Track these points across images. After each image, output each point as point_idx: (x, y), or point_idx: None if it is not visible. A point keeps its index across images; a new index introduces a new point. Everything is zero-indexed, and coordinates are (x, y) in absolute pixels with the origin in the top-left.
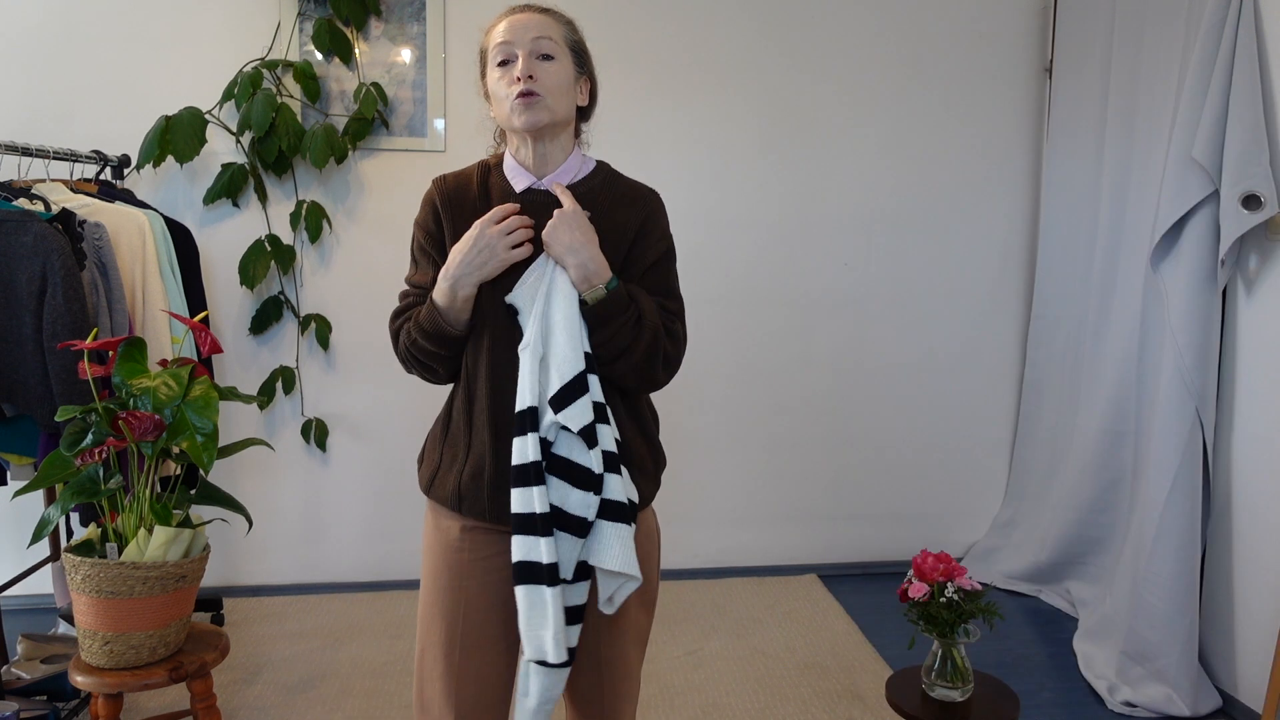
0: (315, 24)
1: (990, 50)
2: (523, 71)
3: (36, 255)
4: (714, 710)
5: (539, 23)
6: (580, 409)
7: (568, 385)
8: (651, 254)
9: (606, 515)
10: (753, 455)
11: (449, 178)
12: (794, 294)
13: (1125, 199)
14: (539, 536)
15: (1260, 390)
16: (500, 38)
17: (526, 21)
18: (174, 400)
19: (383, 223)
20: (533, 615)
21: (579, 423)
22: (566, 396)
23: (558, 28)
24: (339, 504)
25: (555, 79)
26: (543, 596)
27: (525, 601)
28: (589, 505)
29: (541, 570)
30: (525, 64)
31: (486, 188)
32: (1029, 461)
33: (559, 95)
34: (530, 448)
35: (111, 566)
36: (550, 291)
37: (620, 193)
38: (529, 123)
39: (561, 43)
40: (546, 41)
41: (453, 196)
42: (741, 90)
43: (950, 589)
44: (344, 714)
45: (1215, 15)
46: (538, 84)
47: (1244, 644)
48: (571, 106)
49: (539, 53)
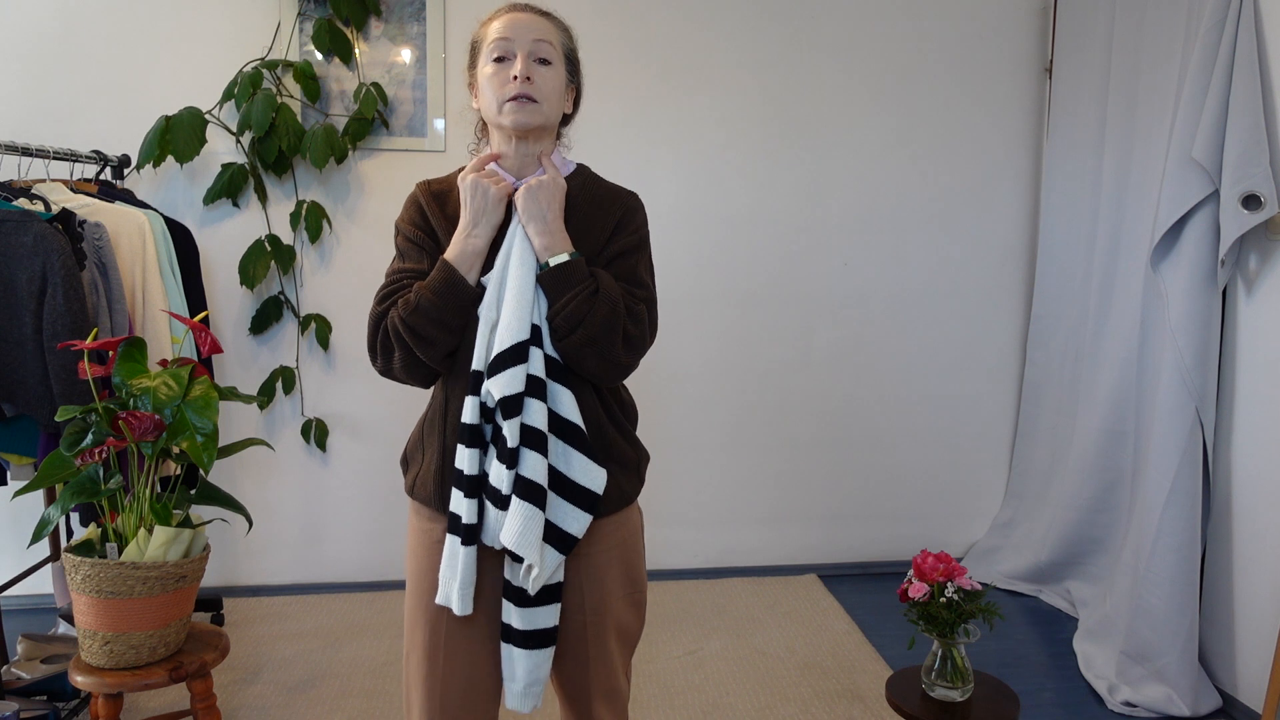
0: (315, 24)
1: (990, 50)
2: (521, 73)
3: (36, 255)
4: (714, 710)
5: (540, 25)
6: (509, 378)
7: (505, 352)
8: (624, 243)
9: (517, 491)
10: (752, 455)
11: (432, 183)
12: (794, 294)
13: (1125, 199)
14: (464, 495)
15: (1260, 390)
16: (499, 33)
17: (528, 22)
18: (174, 400)
19: (383, 223)
20: (448, 564)
21: (502, 391)
22: (500, 364)
23: (557, 33)
24: (339, 504)
25: (550, 84)
26: (455, 550)
27: (448, 550)
28: (503, 479)
29: (459, 526)
30: (524, 65)
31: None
32: (1029, 461)
33: (552, 101)
34: (469, 410)
35: (111, 566)
36: (509, 259)
37: (598, 195)
38: (519, 124)
39: (558, 49)
40: (546, 46)
41: (437, 198)
42: (741, 90)
43: (950, 589)
44: (344, 714)
45: (1215, 15)
46: (534, 88)
47: (1244, 644)
48: (559, 112)
49: (537, 55)
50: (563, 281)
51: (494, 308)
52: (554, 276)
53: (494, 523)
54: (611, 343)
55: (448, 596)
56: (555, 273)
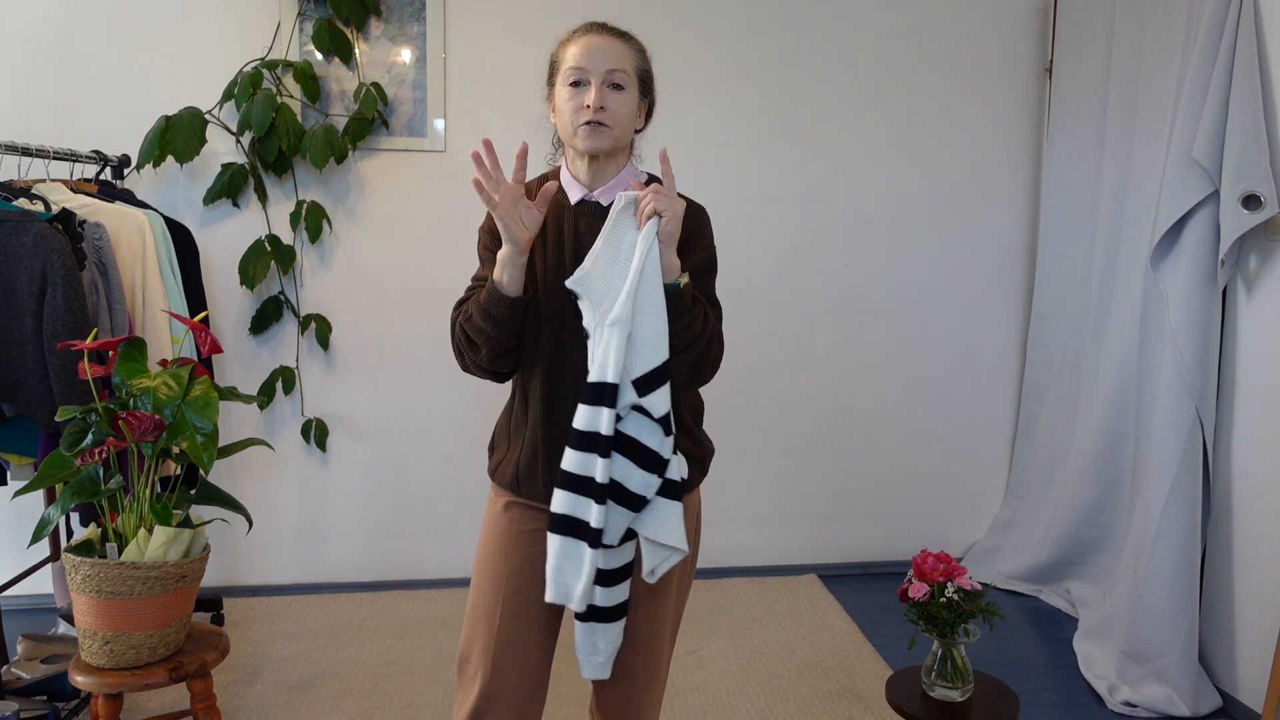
0: (315, 24)
1: (990, 50)
2: (595, 102)
3: (36, 255)
4: (714, 710)
5: (615, 53)
6: (662, 395)
7: (656, 370)
8: (694, 259)
9: (665, 493)
10: (753, 455)
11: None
12: (794, 294)
13: (1125, 199)
14: (592, 501)
15: (1260, 390)
16: (575, 60)
17: (604, 50)
18: (174, 400)
19: (383, 223)
20: (567, 565)
21: (661, 409)
22: (652, 381)
23: (631, 58)
24: (339, 504)
25: (623, 109)
26: (581, 553)
27: (560, 552)
28: (650, 485)
29: (588, 530)
30: (598, 95)
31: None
32: (1029, 461)
33: (624, 125)
34: (605, 421)
35: (111, 566)
36: (643, 271)
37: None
38: (592, 148)
39: (632, 72)
40: (620, 74)
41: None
42: (740, 91)
43: (950, 589)
44: (344, 714)
45: (1215, 15)
46: (606, 115)
47: (1244, 644)
48: (631, 131)
49: (611, 82)
50: (688, 304)
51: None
52: (680, 297)
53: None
54: (704, 361)
55: (567, 596)
56: (684, 295)
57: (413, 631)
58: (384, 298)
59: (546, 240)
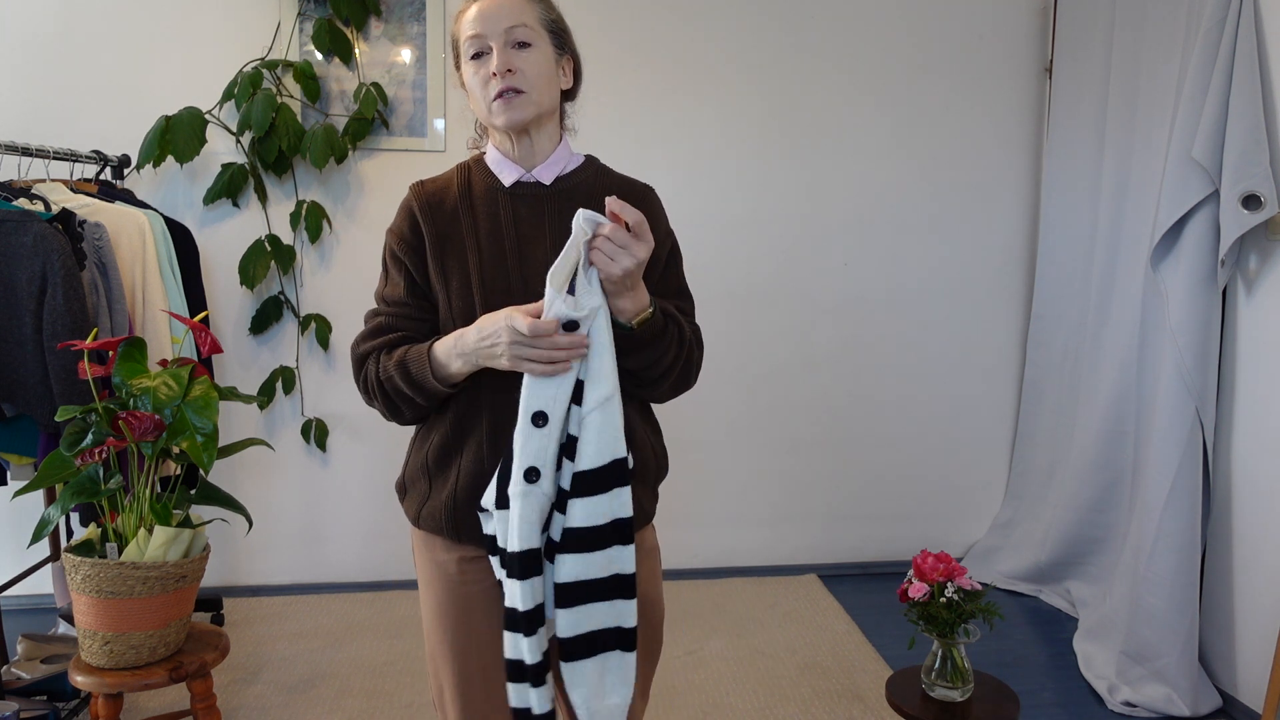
0: (315, 24)
1: (990, 50)
2: (499, 66)
3: (36, 255)
4: (714, 710)
5: (510, 8)
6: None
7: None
8: (662, 250)
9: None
10: (752, 455)
11: (426, 183)
12: (794, 294)
13: (1125, 199)
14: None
15: (1260, 390)
16: (471, 29)
17: (497, 9)
18: (174, 400)
19: (383, 223)
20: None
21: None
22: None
23: (531, 9)
24: (339, 504)
25: (535, 68)
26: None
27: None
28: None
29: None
30: (501, 58)
31: (469, 187)
32: (1029, 461)
33: (541, 87)
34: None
35: (111, 566)
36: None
37: (615, 184)
38: (512, 121)
39: (538, 26)
40: (521, 29)
41: (431, 201)
42: (740, 91)
43: (950, 589)
44: (344, 714)
45: (1215, 15)
46: (517, 78)
47: (1244, 644)
48: (555, 93)
49: (514, 41)
50: (651, 340)
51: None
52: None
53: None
54: (689, 376)
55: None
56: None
57: (413, 631)
58: None
59: (479, 231)
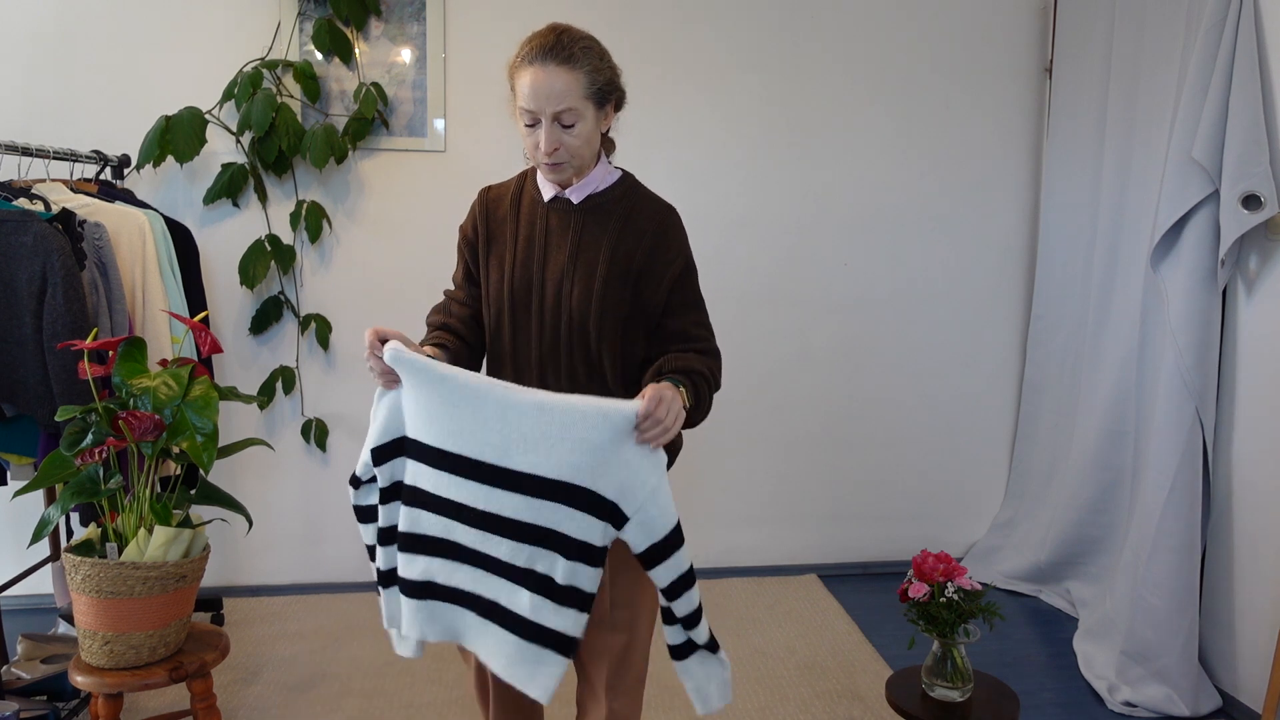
0: (315, 24)
1: (990, 50)
2: (546, 146)
3: (36, 255)
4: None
5: (561, 88)
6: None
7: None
8: (672, 269)
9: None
10: (752, 455)
11: (493, 188)
12: (794, 294)
13: (1125, 199)
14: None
15: (1260, 390)
16: (525, 101)
17: (549, 87)
18: (174, 400)
19: (383, 223)
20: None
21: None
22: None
23: (579, 84)
24: (339, 504)
25: (579, 140)
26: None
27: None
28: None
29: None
30: (549, 138)
31: (519, 197)
32: (1029, 461)
33: (585, 154)
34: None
35: (111, 566)
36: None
37: (638, 202)
38: (554, 181)
39: (583, 100)
40: (567, 113)
41: (490, 206)
42: (741, 90)
43: (950, 589)
44: (344, 714)
45: (1215, 15)
46: (561, 153)
47: (1244, 644)
48: (596, 145)
49: (563, 122)
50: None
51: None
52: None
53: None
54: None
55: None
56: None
57: None
58: (384, 298)
59: (519, 234)
